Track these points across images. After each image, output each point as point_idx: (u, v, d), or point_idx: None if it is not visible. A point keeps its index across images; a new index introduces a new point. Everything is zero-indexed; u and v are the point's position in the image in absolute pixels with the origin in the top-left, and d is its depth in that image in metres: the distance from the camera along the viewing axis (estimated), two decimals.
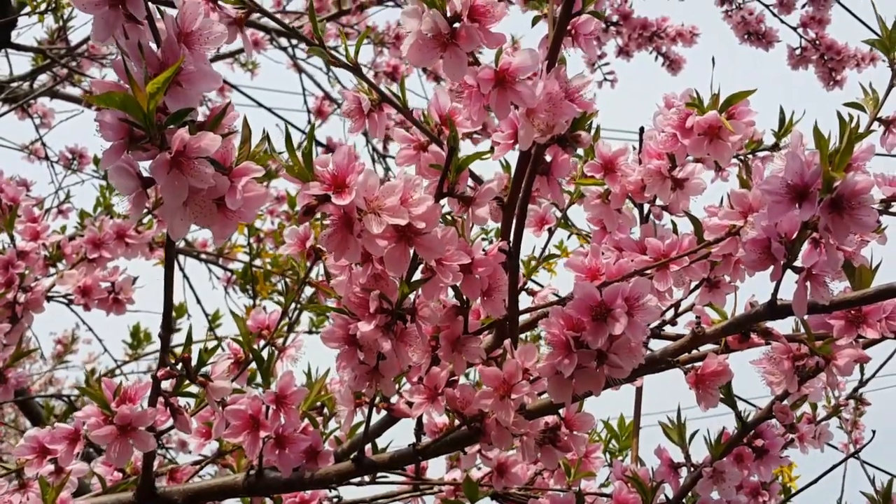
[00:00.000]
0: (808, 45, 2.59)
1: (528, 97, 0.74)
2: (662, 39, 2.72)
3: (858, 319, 0.81)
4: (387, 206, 0.71)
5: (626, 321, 0.73)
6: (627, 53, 2.96)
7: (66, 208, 2.37)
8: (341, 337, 0.83)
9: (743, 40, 2.79)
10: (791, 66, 2.63)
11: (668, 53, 2.94)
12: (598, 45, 3.05)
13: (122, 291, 1.48)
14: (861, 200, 0.67)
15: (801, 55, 2.61)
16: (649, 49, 2.96)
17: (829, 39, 2.60)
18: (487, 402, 0.81)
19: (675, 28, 2.88)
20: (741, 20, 2.71)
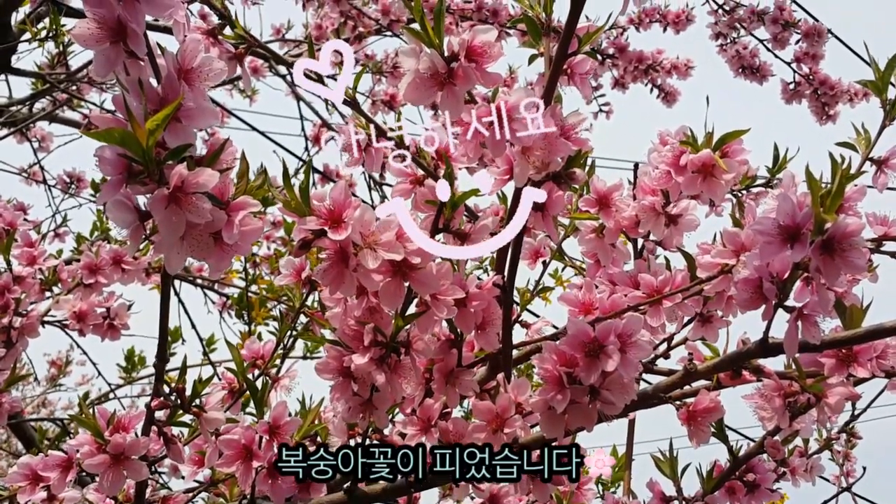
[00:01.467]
0: (801, 80, 2.62)
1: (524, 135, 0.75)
2: (658, 72, 2.74)
3: (849, 358, 0.81)
4: (382, 242, 0.72)
5: (618, 358, 0.73)
6: (623, 85, 2.98)
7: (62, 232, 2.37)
8: (335, 369, 0.83)
9: (737, 74, 2.82)
10: (785, 100, 2.66)
11: (663, 86, 2.96)
12: (594, 77, 3.08)
13: (118, 317, 1.48)
14: (852, 242, 0.68)
15: (795, 90, 2.64)
16: (645, 81, 2.98)
17: (823, 74, 2.63)
18: (480, 436, 0.81)
19: (671, 61, 2.91)
20: (735, 54, 2.74)
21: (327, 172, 2.89)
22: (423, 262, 0.73)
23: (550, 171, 0.79)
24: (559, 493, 1.18)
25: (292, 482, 0.95)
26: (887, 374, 0.81)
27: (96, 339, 1.53)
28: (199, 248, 0.66)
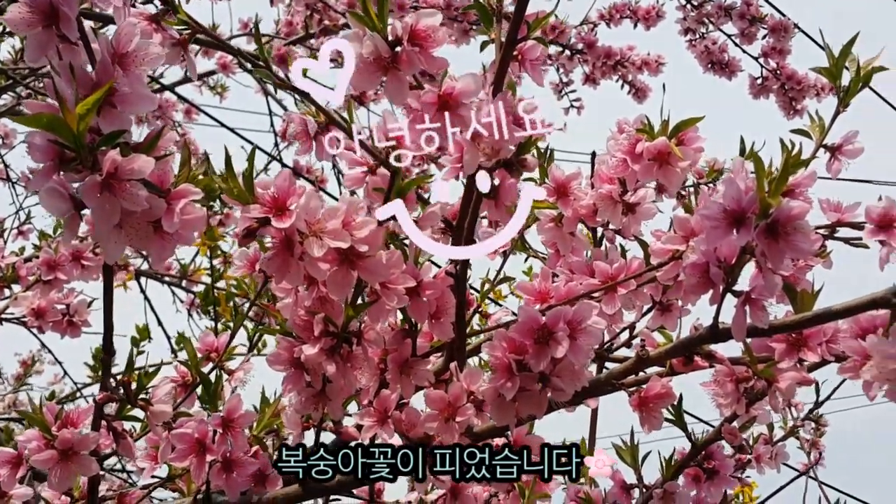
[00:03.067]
0: (769, 75, 2.63)
1: (471, 121, 0.74)
2: (627, 68, 2.74)
3: (799, 343, 0.82)
4: (329, 230, 0.71)
5: (567, 344, 0.73)
6: (594, 81, 2.99)
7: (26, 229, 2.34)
8: (287, 360, 0.83)
9: (707, 69, 2.83)
10: (752, 95, 2.67)
11: (634, 82, 2.97)
12: (564, 72, 3.09)
13: (77, 314, 1.46)
14: (797, 226, 0.68)
15: (763, 85, 2.65)
16: (615, 77, 2.99)
17: (790, 69, 2.64)
18: (432, 425, 0.81)
19: (641, 57, 2.91)
20: (705, 49, 2.75)
21: (297, 168, 2.87)
22: (370, 251, 0.73)
23: (501, 157, 0.79)
24: (522, 483, 1.18)
25: (247, 476, 0.94)
26: (837, 359, 0.81)
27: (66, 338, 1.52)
28: (137, 238, 0.65)
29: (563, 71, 3.08)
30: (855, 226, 0.94)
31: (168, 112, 3.27)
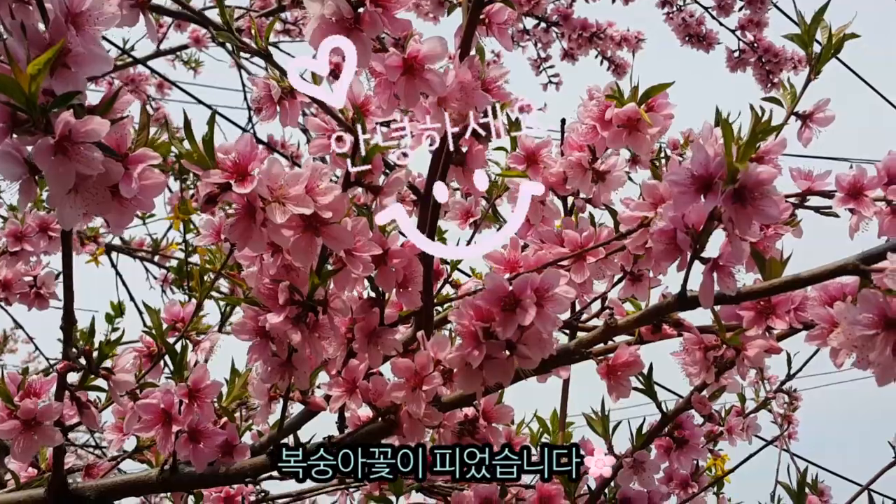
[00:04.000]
0: (746, 48, 2.63)
1: (438, 85, 0.73)
2: (602, 41, 2.73)
3: (767, 310, 0.82)
4: (291, 196, 0.70)
5: (534, 311, 0.72)
6: (572, 57, 2.97)
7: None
8: (252, 329, 0.82)
9: (684, 43, 2.82)
10: (730, 68, 2.66)
11: (613, 58, 2.95)
12: (542, 48, 3.07)
13: (45, 286, 1.44)
14: (764, 191, 0.67)
15: (740, 58, 2.64)
16: (594, 53, 2.97)
17: (767, 42, 2.63)
18: (399, 394, 0.80)
19: (621, 33, 2.90)
20: (682, 22, 2.73)
21: (272, 143, 2.84)
22: (334, 217, 0.72)
23: (468, 123, 0.77)
24: None
25: (214, 447, 0.93)
26: (805, 326, 0.81)
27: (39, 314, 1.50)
28: (94, 203, 0.63)
29: (542, 46, 3.07)
30: (825, 194, 0.94)
31: (141, 86, 3.22)
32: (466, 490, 1.13)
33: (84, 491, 0.96)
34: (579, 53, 2.91)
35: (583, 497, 1.12)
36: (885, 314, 0.67)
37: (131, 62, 2.82)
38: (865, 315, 0.68)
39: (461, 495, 1.11)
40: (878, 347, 0.67)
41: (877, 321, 0.67)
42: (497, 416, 0.95)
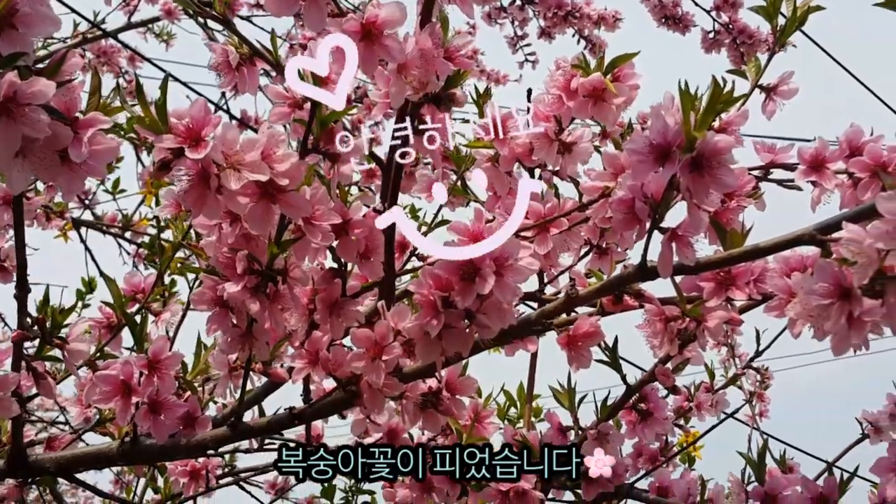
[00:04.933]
0: (721, 29, 2.62)
1: (397, 52, 0.72)
2: (578, 20, 2.72)
3: (728, 282, 0.82)
4: (247, 162, 0.69)
5: (493, 281, 0.72)
6: (549, 35, 2.96)
7: None
8: (211, 299, 0.81)
9: (660, 24, 2.80)
10: (704, 49, 2.65)
11: (590, 37, 2.94)
12: (519, 26, 3.06)
13: (8, 258, 1.42)
14: (721, 160, 0.67)
15: (715, 39, 2.63)
16: (572, 32, 2.96)
17: (742, 23, 2.62)
18: (359, 365, 0.79)
19: (598, 12, 2.89)
20: (658, 3, 2.72)
21: (245, 118, 2.81)
22: (291, 185, 0.71)
23: (429, 91, 0.77)
24: (459, 427, 1.18)
25: (175, 418, 0.93)
26: (764, 297, 0.81)
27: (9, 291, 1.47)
28: (43, 168, 0.62)
29: (518, 24, 3.06)
30: (788, 167, 0.94)
31: (114, 58, 3.18)
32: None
33: (44, 462, 0.96)
34: (556, 32, 2.90)
35: None
36: (840, 284, 0.67)
37: (101, 35, 2.78)
38: (821, 285, 0.68)
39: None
40: (833, 317, 0.67)
41: (832, 291, 0.67)
42: (461, 387, 0.95)
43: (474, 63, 0.80)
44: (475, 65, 3.35)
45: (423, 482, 1.11)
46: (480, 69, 3.30)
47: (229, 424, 0.90)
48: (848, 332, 0.69)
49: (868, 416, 1.76)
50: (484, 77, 3.29)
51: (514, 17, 2.87)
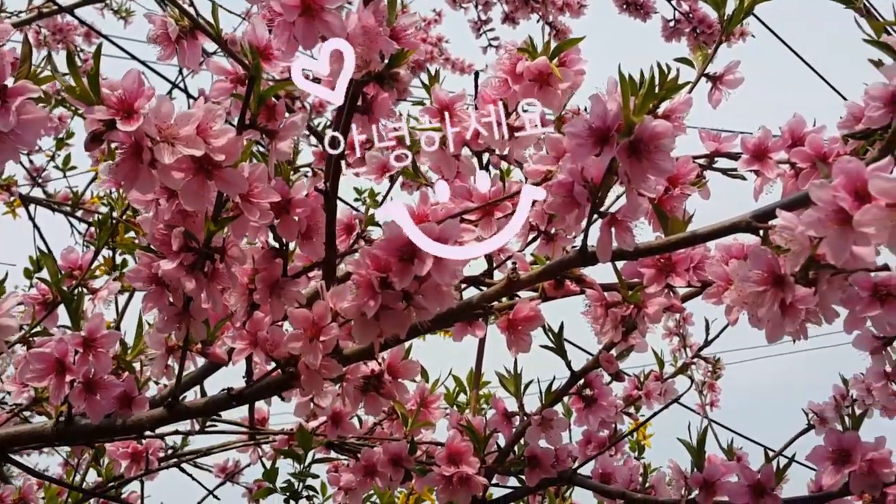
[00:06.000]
0: (681, 18, 2.63)
1: (338, 28, 0.71)
2: (542, 5, 2.71)
3: (668, 268, 0.82)
4: (182, 136, 0.67)
5: (431, 262, 0.71)
6: (513, 20, 2.96)
7: None
8: (147, 276, 0.79)
9: (622, 11, 2.81)
10: (665, 38, 2.66)
11: (554, 23, 2.94)
12: (483, 10, 3.05)
13: None
14: (659, 145, 0.67)
15: (675, 27, 2.64)
16: (536, 17, 2.96)
17: (702, 13, 2.64)
18: (296, 345, 0.79)
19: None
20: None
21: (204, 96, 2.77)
22: (228, 160, 0.69)
23: (371, 69, 0.76)
24: (405, 412, 1.18)
25: (111, 398, 0.91)
26: (703, 285, 0.82)
27: None
28: None
29: (482, 8, 3.05)
30: (732, 156, 0.94)
31: (70, 35, 3.12)
32: (376, 447, 1.13)
33: None
34: (519, 17, 2.89)
35: (492, 454, 1.12)
36: (773, 271, 0.67)
37: (57, 10, 2.72)
38: (755, 272, 0.68)
39: (371, 451, 1.11)
40: (767, 304, 0.68)
41: (766, 278, 0.68)
42: (403, 371, 0.95)
43: (438, 50, 0.79)
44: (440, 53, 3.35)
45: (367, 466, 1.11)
46: (445, 57, 3.29)
47: (166, 405, 0.89)
48: (781, 319, 0.69)
49: (814, 408, 1.79)
50: (448, 65, 3.28)
51: (478, 1, 2.86)
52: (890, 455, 0.89)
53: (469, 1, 3.04)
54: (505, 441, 1.13)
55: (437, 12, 3.30)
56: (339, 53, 0.75)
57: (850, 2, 0.92)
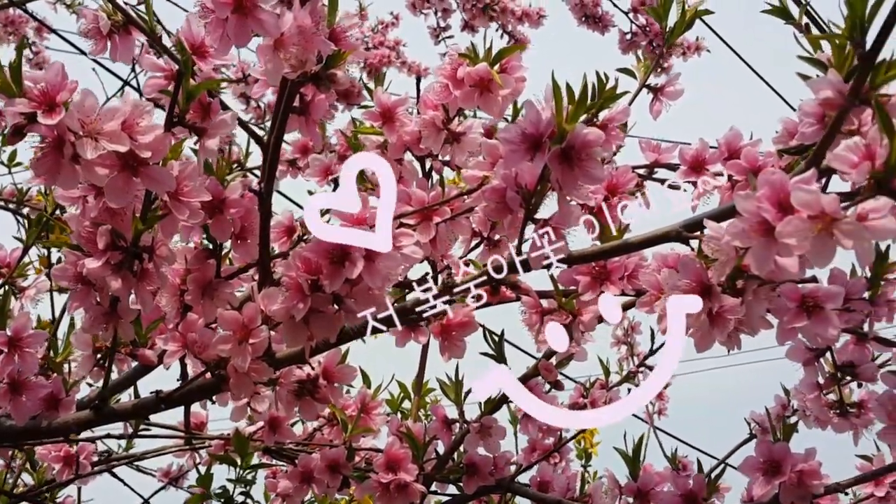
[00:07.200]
0: (637, 31, 2.65)
1: (272, 26, 0.70)
2: (497, 13, 2.72)
3: (602, 276, 0.82)
4: (106, 131, 0.66)
5: (362, 265, 0.71)
6: (472, 28, 2.96)
7: None
8: (73, 275, 0.78)
9: (580, 23, 2.83)
10: (622, 50, 2.68)
11: (513, 32, 2.96)
12: (442, 17, 3.06)
13: None
14: (590, 153, 0.67)
15: (631, 40, 2.66)
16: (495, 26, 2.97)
17: (658, 26, 2.66)
18: (225, 347, 0.77)
19: (522, 8, 2.90)
20: (578, 2, 2.74)
21: None
22: (154, 157, 0.68)
23: (307, 70, 0.75)
24: (345, 418, 1.16)
25: (38, 400, 0.89)
26: (637, 293, 0.82)
27: None
28: None
29: (441, 15, 3.05)
30: (671, 167, 0.95)
31: (21, 28, 3.06)
32: (314, 453, 1.12)
33: None
34: (478, 25, 2.90)
35: (430, 461, 1.12)
36: (701, 280, 0.68)
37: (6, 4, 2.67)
38: (684, 281, 0.69)
39: (308, 458, 1.10)
40: (695, 313, 0.68)
41: (694, 287, 0.68)
42: (339, 375, 0.94)
43: (395, 54, 0.78)
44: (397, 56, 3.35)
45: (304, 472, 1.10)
46: (402, 61, 3.28)
47: (93, 407, 0.87)
48: (710, 328, 0.70)
49: (756, 417, 1.80)
50: (405, 68, 3.27)
51: (437, 7, 2.86)
52: (819, 467, 0.90)
53: (429, 7, 3.04)
54: (444, 448, 1.12)
55: (395, 15, 3.28)
56: (270, 52, 0.74)
57: (788, 17, 0.93)
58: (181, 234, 0.82)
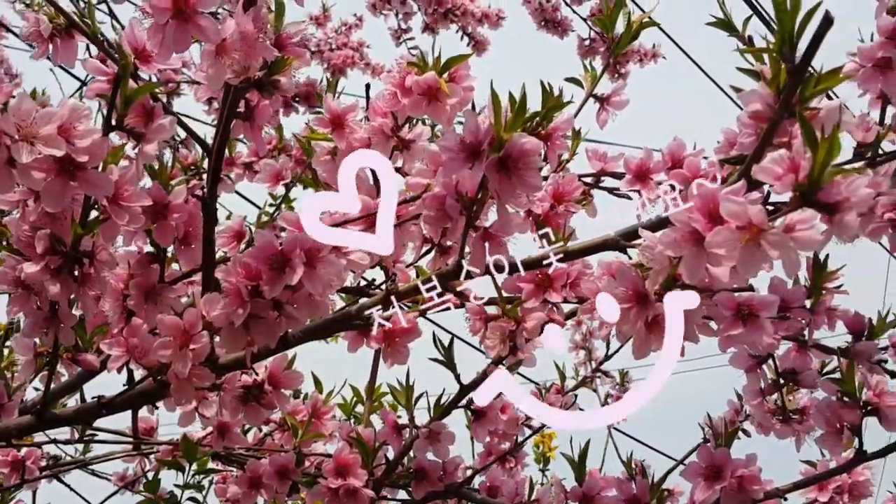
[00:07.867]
0: (596, 37, 2.67)
1: (212, 32, 0.70)
2: (458, 16, 2.74)
3: (545, 283, 0.83)
4: (42, 135, 0.65)
5: (302, 271, 0.71)
6: (432, 30, 2.97)
7: None
8: (12, 279, 0.77)
9: (540, 27, 2.85)
10: (580, 56, 2.70)
11: (473, 34, 2.97)
12: (403, 19, 3.06)
13: None
14: (528, 161, 0.68)
15: (590, 46, 2.69)
16: (455, 28, 2.98)
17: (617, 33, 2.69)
18: (165, 353, 0.77)
19: (482, 9, 2.92)
20: (538, 7, 2.76)
21: None
22: (92, 162, 0.68)
23: (251, 76, 0.75)
24: (296, 423, 1.16)
25: None
26: (580, 300, 0.83)
27: None
28: None
29: (402, 17, 3.06)
30: (617, 175, 0.96)
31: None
32: (263, 458, 1.11)
33: None
34: (439, 27, 2.91)
35: (380, 467, 1.12)
36: (637, 289, 0.69)
37: None
38: (621, 289, 0.69)
39: (257, 463, 1.10)
40: (631, 321, 0.69)
41: (630, 295, 0.69)
42: (285, 381, 0.94)
43: (359, 55, 0.79)
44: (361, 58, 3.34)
45: (253, 478, 1.09)
46: (366, 62, 3.28)
47: (34, 412, 0.86)
48: (646, 336, 0.70)
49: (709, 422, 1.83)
50: (369, 70, 3.27)
51: (398, 10, 2.87)
52: (760, 472, 0.92)
53: (389, 9, 3.04)
54: (394, 453, 1.12)
55: (358, 17, 3.28)
56: (212, 57, 0.74)
57: (732, 30, 0.95)
58: (124, 238, 0.81)
